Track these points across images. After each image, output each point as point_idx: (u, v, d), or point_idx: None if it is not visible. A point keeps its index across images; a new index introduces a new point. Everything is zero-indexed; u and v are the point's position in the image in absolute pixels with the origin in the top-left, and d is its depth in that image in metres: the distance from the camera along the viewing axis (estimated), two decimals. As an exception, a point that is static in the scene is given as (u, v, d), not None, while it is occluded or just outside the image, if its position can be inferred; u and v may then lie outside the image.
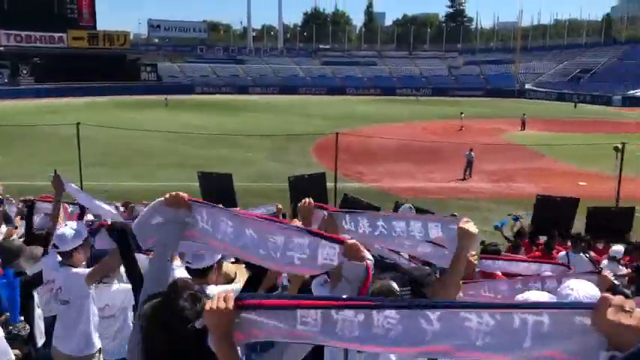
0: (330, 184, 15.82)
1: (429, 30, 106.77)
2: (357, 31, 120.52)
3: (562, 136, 34.34)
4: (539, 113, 51.10)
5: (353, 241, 2.01)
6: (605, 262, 7.78)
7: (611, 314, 1.27)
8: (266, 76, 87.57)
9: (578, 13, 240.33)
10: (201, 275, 3.55)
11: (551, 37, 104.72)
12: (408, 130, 40.19)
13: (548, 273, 4.53)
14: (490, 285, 4.11)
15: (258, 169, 25.17)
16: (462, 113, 43.32)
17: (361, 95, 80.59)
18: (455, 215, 11.88)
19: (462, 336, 1.40)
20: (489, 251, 5.86)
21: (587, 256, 8.01)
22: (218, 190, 12.75)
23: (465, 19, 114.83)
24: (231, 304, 1.54)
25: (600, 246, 10.05)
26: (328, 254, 2.07)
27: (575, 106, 64.64)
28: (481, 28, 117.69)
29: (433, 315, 1.41)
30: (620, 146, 14.56)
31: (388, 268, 3.22)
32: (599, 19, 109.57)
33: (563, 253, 8.17)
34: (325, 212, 2.87)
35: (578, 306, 1.37)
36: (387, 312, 1.44)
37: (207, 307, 1.57)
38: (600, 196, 18.33)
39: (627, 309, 1.27)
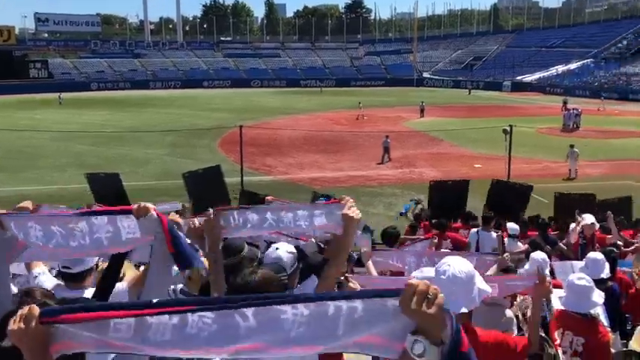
0: (236, 179, 15.73)
1: (329, 21, 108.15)
2: (259, 23, 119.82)
3: (458, 122, 36.17)
4: (437, 100, 53.42)
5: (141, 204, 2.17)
6: (506, 240, 8.34)
7: (414, 302, 1.30)
8: (167, 70, 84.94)
9: (469, 3, 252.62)
10: (76, 280, 3.33)
11: (445, 27, 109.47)
12: (315, 121, 40.66)
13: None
14: (399, 255, 4.28)
15: (162, 167, 24.50)
16: (359, 103, 44.38)
17: (266, 87, 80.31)
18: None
19: (276, 329, 1.37)
20: (389, 234, 6.13)
21: (497, 233, 8.54)
22: (109, 191, 12.23)
23: (364, 10, 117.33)
24: (33, 323, 1.40)
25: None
26: (129, 227, 2.22)
27: (470, 92, 68.19)
28: (380, 19, 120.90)
29: (249, 311, 1.37)
30: (508, 129, 15.58)
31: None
32: (488, 9, 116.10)
33: (474, 230, 8.69)
34: (210, 210, 2.86)
35: (385, 294, 1.36)
36: (201, 312, 1.38)
37: (9, 325, 1.43)
38: (494, 177, 19.47)
39: (430, 296, 1.31)
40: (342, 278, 2.94)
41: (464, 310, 2.44)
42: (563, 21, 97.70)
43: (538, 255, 4.84)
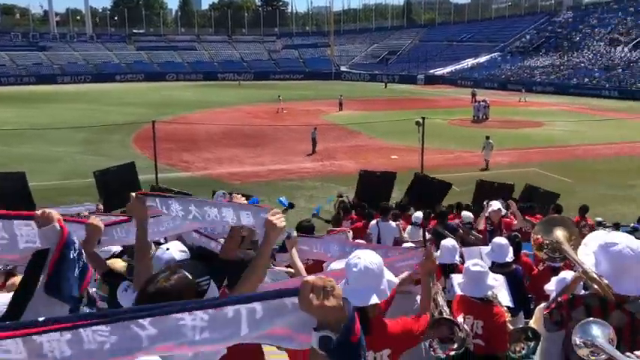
0: (151, 176, 15.25)
1: (246, 14, 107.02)
2: (173, 15, 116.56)
3: (375, 115, 36.91)
4: (355, 94, 54.28)
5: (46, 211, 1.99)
6: (409, 227, 8.62)
7: (313, 297, 1.32)
8: (76, 64, 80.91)
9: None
10: None
11: (361, 21, 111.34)
12: (233, 114, 40.18)
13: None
14: (323, 243, 4.29)
15: (73, 165, 23.36)
16: (279, 96, 44.36)
17: (182, 81, 78.40)
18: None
19: (179, 335, 1.36)
20: (304, 227, 6.19)
21: (396, 224, 8.81)
22: (12, 191, 11.50)
23: (281, 3, 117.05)
24: None
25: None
26: (28, 235, 2.04)
27: (386, 86, 69.82)
28: (296, 12, 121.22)
29: (145, 321, 1.33)
30: (420, 121, 16.10)
31: (205, 257, 3.24)
32: (402, 4, 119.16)
33: (373, 222, 8.88)
34: (133, 194, 2.79)
35: (284, 293, 1.38)
36: (94, 327, 1.32)
37: None
38: (410, 167, 20.11)
39: (328, 289, 1.33)
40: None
41: (375, 300, 2.49)
42: (472, 16, 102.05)
43: (448, 242, 5.05)
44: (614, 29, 73.15)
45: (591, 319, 2.07)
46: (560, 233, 2.80)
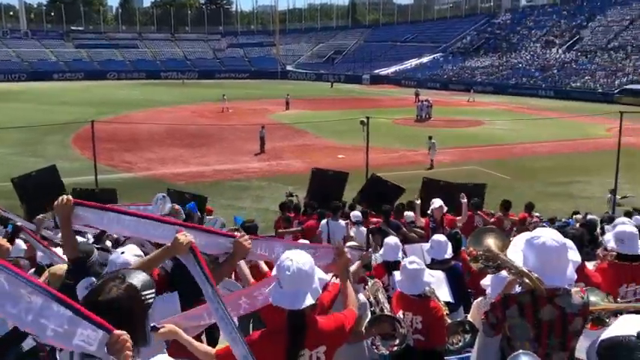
0: (90, 177, 14.80)
1: (189, 12, 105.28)
2: (114, 12, 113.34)
3: (322, 114, 37.07)
4: (301, 93, 54.35)
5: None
6: (353, 229, 8.73)
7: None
8: (9, 62, 77.47)
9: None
10: None
11: (306, 21, 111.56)
12: (178, 114, 39.50)
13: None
14: (267, 244, 4.26)
15: (7, 168, 22.32)
16: (224, 95, 43.96)
17: (124, 80, 76.32)
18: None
19: None
20: (246, 227, 6.18)
21: (345, 222, 8.91)
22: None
23: (225, 2, 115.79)
24: None
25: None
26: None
27: (332, 85, 70.29)
28: (241, 11, 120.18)
29: None
30: (365, 120, 16.29)
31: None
32: (347, 4, 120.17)
33: (324, 221, 8.94)
34: (66, 197, 2.70)
35: None
36: None
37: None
38: (356, 166, 20.30)
39: None
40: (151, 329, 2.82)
41: (310, 301, 2.50)
42: (415, 17, 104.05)
43: (391, 240, 5.16)
44: (549, 31, 76.24)
45: (521, 351, 2.16)
46: (490, 241, 2.91)
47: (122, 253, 3.02)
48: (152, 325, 2.71)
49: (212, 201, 13.71)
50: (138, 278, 2.01)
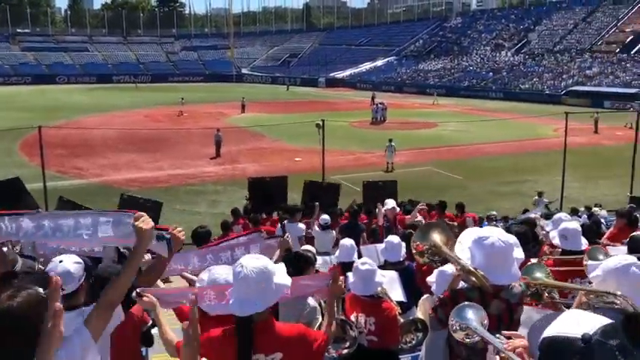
0: (39, 184, 14.34)
1: (141, 15, 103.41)
2: (62, 14, 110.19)
3: (278, 117, 37.07)
4: (257, 96, 54.14)
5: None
6: (318, 231, 8.78)
7: None
8: (-50, 65, 74.49)
9: (282, 1, 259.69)
10: None
11: (261, 24, 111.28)
12: (131, 118, 38.70)
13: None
14: (182, 257, 4.20)
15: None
16: (182, 99, 43.40)
17: (74, 84, 74.23)
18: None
19: None
20: (198, 233, 6.12)
21: (304, 225, 8.96)
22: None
23: (178, 4, 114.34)
24: None
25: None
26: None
27: (288, 88, 70.26)
28: (195, 13, 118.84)
29: None
30: (320, 123, 16.37)
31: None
32: (301, 7, 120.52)
33: (280, 224, 8.97)
34: None
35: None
36: None
37: None
38: (314, 169, 20.39)
39: None
40: (134, 293, 2.76)
41: (260, 309, 2.49)
42: (368, 21, 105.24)
43: (347, 241, 5.20)
44: (499, 35, 78.40)
45: (466, 303, 2.23)
46: (436, 237, 2.96)
47: (60, 261, 2.88)
48: (136, 290, 2.76)
49: (167, 206, 13.48)
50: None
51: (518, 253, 2.77)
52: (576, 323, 1.49)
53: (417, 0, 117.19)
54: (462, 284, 2.85)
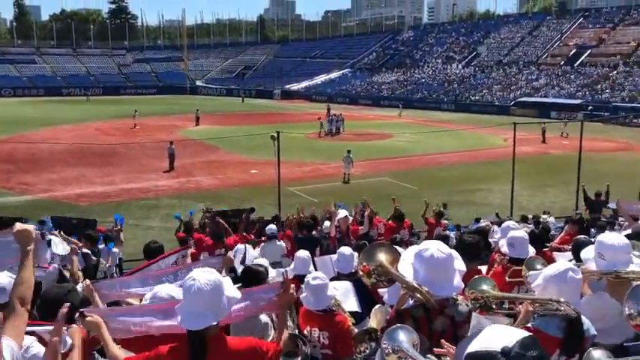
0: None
1: (92, 26, 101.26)
2: (8, 26, 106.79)
3: (233, 129, 36.76)
4: (211, 108, 53.67)
5: None
6: (262, 244, 8.70)
7: None
8: None
9: (236, 13, 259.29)
10: None
11: (214, 36, 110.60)
12: (81, 132, 37.77)
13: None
14: (122, 283, 4.10)
15: None
16: (135, 111, 42.66)
17: (21, 97, 71.88)
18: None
19: None
20: (150, 249, 6.01)
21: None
22: None
23: (130, 16, 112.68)
24: None
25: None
26: None
27: (243, 100, 69.99)
28: (147, 25, 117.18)
29: None
30: (275, 135, 16.36)
31: None
32: (255, 20, 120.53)
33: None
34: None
35: None
36: None
37: None
38: (270, 181, 20.35)
39: None
40: (77, 314, 2.72)
41: (211, 322, 2.48)
42: (323, 33, 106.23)
43: (301, 253, 5.18)
44: (449, 48, 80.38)
45: (398, 325, 2.27)
46: (382, 257, 2.95)
47: None
48: (80, 310, 2.77)
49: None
50: None
51: (459, 264, 2.81)
52: (497, 337, 1.56)
53: (370, 14, 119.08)
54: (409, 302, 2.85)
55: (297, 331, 3.48)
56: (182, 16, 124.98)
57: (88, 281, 3.57)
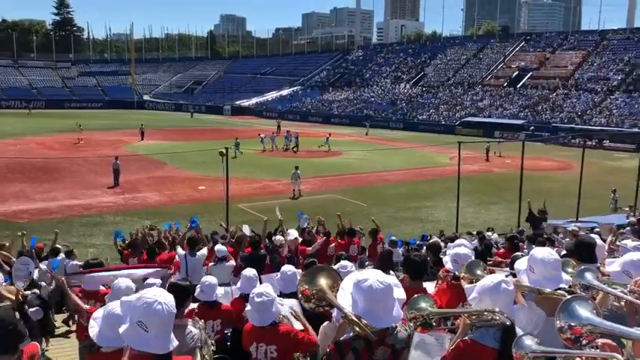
0: None
1: (35, 38, 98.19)
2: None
3: (181, 145, 36.28)
4: (159, 123, 52.85)
5: None
6: (212, 264, 8.57)
7: None
8: None
9: (186, 28, 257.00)
10: None
11: (164, 51, 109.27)
12: (22, 146, 36.40)
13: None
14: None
15: None
16: (80, 126, 41.51)
17: (-44, 109, 68.85)
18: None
19: None
20: (91, 264, 5.89)
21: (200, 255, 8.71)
22: None
23: (75, 28, 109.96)
24: None
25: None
26: None
27: (192, 115, 69.20)
28: (94, 38, 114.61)
29: None
30: (224, 151, 16.23)
31: None
32: (205, 35, 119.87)
33: (182, 253, 8.69)
34: None
35: None
36: None
37: None
38: (218, 197, 20.13)
39: None
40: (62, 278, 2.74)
41: (176, 342, 2.46)
42: (273, 51, 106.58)
43: (248, 272, 5.13)
44: (397, 68, 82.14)
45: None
46: (323, 282, 2.90)
47: None
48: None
49: (61, 238, 12.65)
50: None
51: (399, 293, 2.77)
52: None
53: (320, 32, 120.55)
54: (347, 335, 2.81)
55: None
56: (130, 29, 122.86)
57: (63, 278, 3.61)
